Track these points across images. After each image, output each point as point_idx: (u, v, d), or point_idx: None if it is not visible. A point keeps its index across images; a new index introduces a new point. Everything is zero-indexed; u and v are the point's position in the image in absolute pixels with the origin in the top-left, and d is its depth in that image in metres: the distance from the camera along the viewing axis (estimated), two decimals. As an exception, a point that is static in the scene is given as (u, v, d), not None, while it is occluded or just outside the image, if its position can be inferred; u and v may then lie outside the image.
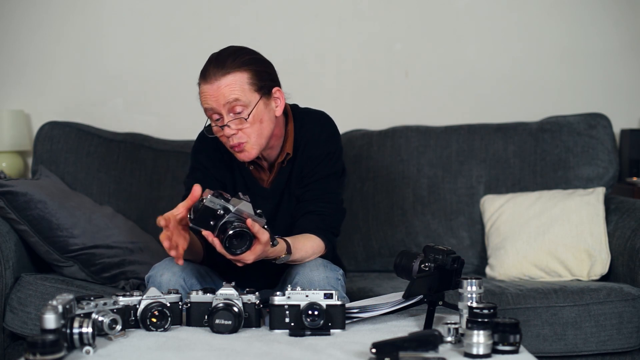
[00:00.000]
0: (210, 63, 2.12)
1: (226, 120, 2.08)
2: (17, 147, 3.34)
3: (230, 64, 2.08)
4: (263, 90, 2.11)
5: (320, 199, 2.22)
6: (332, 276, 2.07)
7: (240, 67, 2.09)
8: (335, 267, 2.13)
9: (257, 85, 2.10)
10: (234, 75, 2.07)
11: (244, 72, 2.08)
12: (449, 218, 3.06)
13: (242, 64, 2.09)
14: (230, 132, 2.09)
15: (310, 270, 2.06)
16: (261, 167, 2.25)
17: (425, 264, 1.91)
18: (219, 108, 2.08)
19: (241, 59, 2.10)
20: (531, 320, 2.48)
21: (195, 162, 2.27)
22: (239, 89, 2.07)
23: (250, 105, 2.08)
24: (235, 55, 2.11)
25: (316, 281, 2.03)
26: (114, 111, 3.46)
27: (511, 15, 3.51)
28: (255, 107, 2.09)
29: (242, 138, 2.10)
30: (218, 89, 2.07)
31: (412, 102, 3.48)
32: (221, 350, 1.67)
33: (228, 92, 2.06)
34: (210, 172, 2.24)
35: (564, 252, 2.77)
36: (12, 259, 2.52)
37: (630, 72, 3.50)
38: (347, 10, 3.49)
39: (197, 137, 2.31)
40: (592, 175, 3.05)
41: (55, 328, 1.55)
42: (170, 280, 2.03)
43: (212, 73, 2.08)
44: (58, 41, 3.46)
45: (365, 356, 1.61)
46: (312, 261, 2.11)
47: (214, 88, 2.08)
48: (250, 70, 2.09)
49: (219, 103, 2.07)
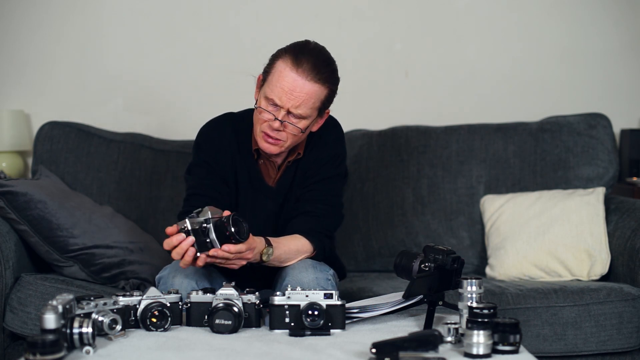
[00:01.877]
0: (309, 54, 2.07)
1: (281, 116, 2.07)
2: (17, 147, 3.34)
3: (323, 74, 2.06)
4: (322, 109, 2.13)
5: (319, 200, 2.21)
6: (321, 277, 2.06)
7: (327, 82, 2.08)
8: (326, 268, 2.12)
9: (324, 105, 2.12)
10: (319, 87, 2.06)
11: (325, 89, 2.08)
12: (449, 218, 3.06)
13: (329, 80, 2.09)
14: (278, 127, 2.08)
15: (299, 271, 2.06)
16: (271, 164, 2.25)
17: (425, 264, 1.91)
18: (286, 103, 2.06)
19: (332, 74, 2.10)
20: (531, 320, 2.48)
21: (198, 158, 2.25)
22: (312, 105, 2.07)
23: (309, 119, 2.10)
24: (329, 66, 2.10)
25: (305, 282, 2.03)
26: (114, 111, 3.46)
27: (511, 15, 3.51)
28: (311, 121, 2.11)
29: (283, 137, 2.11)
30: (302, 90, 2.05)
31: (412, 102, 3.48)
32: (221, 350, 1.67)
33: (304, 100, 2.05)
34: (212, 168, 2.22)
35: (564, 252, 2.77)
36: (12, 259, 2.52)
37: (630, 72, 3.50)
38: (347, 10, 3.49)
39: (199, 133, 2.27)
40: (592, 175, 3.05)
41: (55, 328, 1.55)
42: (182, 282, 2.02)
43: (306, 70, 2.05)
44: (58, 41, 3.46)
45: (365, 356, 1.62)
46: (301, 262, 2.11)
47: (297, 85, 2.04)
48: (330, 89, 2.10)
49: (290, 102, 2.05)
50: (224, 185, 2.22)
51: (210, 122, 2.29)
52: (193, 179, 2.22)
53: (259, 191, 2.22)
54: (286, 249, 2.10)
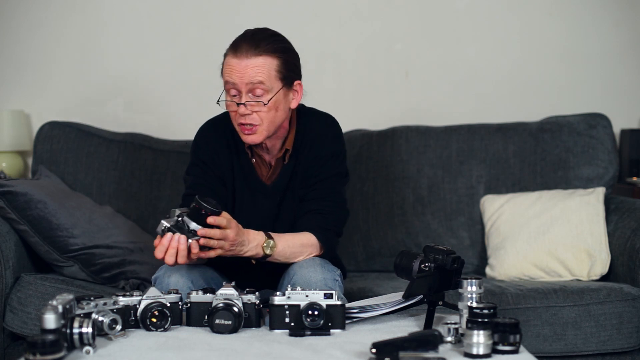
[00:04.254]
0: (244, 39, 2.12)
1: (244, 99, 2.09)
2: (17, 147, 3.35)
3: (265, 47, 2.09)
4: (287, 80, 2.13)
5: (323, 198, 2.22)
6: (329, 277, 2.06)
7: (274, 52, 2.10)
8: (333, 268, 2.12)
9: (283, 74, 2.12)
10: (265, 58, 2.09)
11: (275, 58, 2.10)
12: (449, 218, 3.06)
13: (275, 49, 2.11)
14: (245, 112, 2.10)
15: (307, 270, 2.06)
16: (263, 161, 2.25)
17: (425, 264, 1.91)
18: (240, 85, 2.09)
19: (276, 44, 2.12)
20: (531, 320, 2.48)
21: (195, 158, 2.26)
22: (266, 74, 2.09)
23: (272, 91, 2.10)
24: (271, 39, 2.13)
25: (313, 282, 2.03)
26: (114, 111, 3.46)
27: (511, 16, 3.51)
28: (276, 95, 2.11)
29: (256, 120, 2.11)
30: (246, 67, 2.08)
31: (412, 102, 3.48)
32: (221, 350, 1.67)
33: (255, 73, 2.08)
34: (209, 169, 2.23)
35: (564, 252, 2.77)
36: (12, 259, 2.52)
37: (630, 72, 3.50)
38: (347, 10, 3.49)
39: (197, 132, 2.30)
40: (592, 175, 3.05)
41: (55, 328, 1.55)
42: (178, 282, 2.02)
43: (245, 49, 2.09)
44: (58, 41, 3.46)
45: (365, 356, 1.61)
46: (309, 260, 2.11)
47: (242, 64, 2.08)
48: (281, 57, 2.12)
49: (242, 81, 2.08)
50: (221, 184, 2.23)
51: (208, 122, 2.31)
52: (190, 179, 2.24)
53: (255, 190, 2.23)
54: (289, 242, 2.11)
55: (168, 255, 1.90)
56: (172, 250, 1.90)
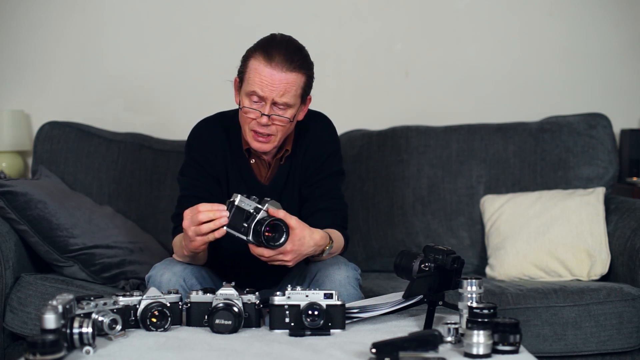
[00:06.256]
0: (278, 48, 2.08)
1: (267, 111, 2.08)
2: (17, 147, 3.34)
3: (297, 62, 2.09)
4: (305, 96, 2.15)
5: (328, 196, 2.24)
6: (352, 276, 2.08)
7: (303, 69, 2.10)
8: (355, 266, 2.14)
9: (305, 91, 2.14)
10: (297, 75, 2.09)
11: (303, 75, 2.11)
12: (449, 218, 3.06)
13: (304, 66, 2.11)
14: (266, 122, 2.09)
15: (332, 269, 2.07)
16: (262, 162, 2.25)
17: (425, 264, 1.91)
18: (268, 93, 2.07)
19: (305, 60, 2.12)
20: (531, 320, 2.48)
21: (189, 157, 2.26)
22: (294, 92, 2.09)
23: (294, 107, 2.12)
24: (301, 53, 2.12)
25: (337, 279, 2.04)
26: (114, 111, 3.46)
27: (511, 16, 3.51)
28: (296, 110, 2.12)
29: (273, 131, 2.12)
30: (280, 81, 2.07)
31: (412, 102, 3.48)
32: (221, 350, 1.67)
33: (286, 89, 2.07)
34: (203, 169, 2.23)
35: (564, 252, 2.77)
36: (12, 259, 2.52)
37: (630, 72, 3.50)
38: (347, 10, 3.49)
39: (190, 132, 2.29)
40: (592, 175, 3.05)
41: (55, 328, 1.55)
42: (170, 280, 2.03)
43: (280, 62, 2.06)
44: (58, 41, 3.46)
45: (365, 356, 1.61)
46: (333, 259, 2.12)
47: (275, 77, 2.06)
48: (307, 74, 2.12)
49: (271, 94, 2.07)
50: (216, 184, 2.23)
51: (201, 122, 2.30)
52: (185, 180, 2.24)
53: (253, 190, 2.23)
54: (338, 245, 2.14)
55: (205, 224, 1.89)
56: (212, 215, 1.89)
